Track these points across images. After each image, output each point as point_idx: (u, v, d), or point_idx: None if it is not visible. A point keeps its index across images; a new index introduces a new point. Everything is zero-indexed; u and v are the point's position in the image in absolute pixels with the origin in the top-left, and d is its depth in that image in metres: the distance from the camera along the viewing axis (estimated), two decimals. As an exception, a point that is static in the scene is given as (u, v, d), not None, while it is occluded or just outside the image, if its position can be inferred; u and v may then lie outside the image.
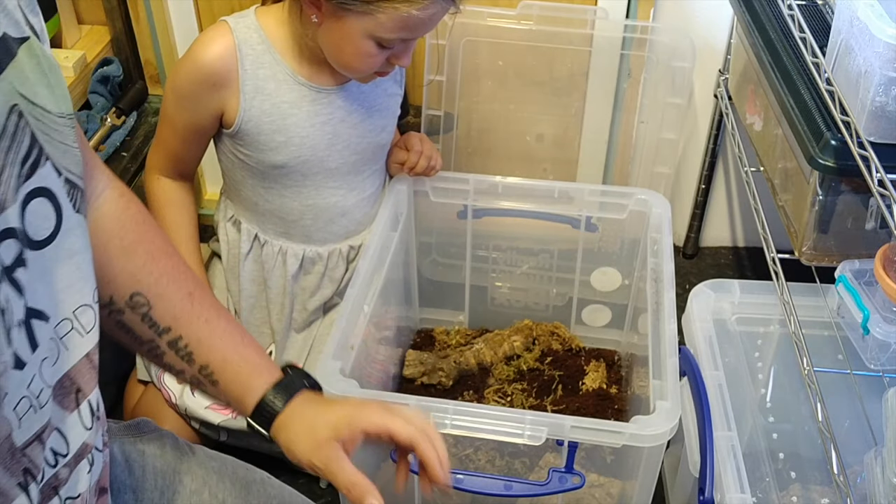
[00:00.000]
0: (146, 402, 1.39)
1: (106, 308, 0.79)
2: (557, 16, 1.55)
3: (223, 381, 0.84)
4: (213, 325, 0.84)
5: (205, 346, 0.83)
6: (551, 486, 1.04)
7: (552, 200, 1.45)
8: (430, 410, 1.04)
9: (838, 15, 1.06)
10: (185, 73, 1.22)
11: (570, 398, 1.45)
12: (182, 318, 0.82)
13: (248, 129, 1.23)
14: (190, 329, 0.83)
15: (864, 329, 1.08)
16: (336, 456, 0.83)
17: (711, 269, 1.88)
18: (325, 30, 1.15)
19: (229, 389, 0.85)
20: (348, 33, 1.13)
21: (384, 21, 1.10)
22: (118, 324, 0.80)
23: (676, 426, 1.03)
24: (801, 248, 1.21)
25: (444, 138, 1.67)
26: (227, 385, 0.85)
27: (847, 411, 1.23)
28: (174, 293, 0.82)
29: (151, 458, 0.86)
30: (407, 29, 1.12)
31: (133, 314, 0.80)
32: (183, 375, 0.84)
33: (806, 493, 1.32)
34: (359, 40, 1.13)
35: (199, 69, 1.21)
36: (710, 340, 1.27)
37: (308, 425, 0.84)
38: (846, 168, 1.06)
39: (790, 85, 1.20)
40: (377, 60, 1.16)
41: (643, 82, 1.63)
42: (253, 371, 0.85)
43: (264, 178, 1.29)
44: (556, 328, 1.59)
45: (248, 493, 0.88)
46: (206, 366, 0.83)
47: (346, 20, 1.11)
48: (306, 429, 0.84)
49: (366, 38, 1.12)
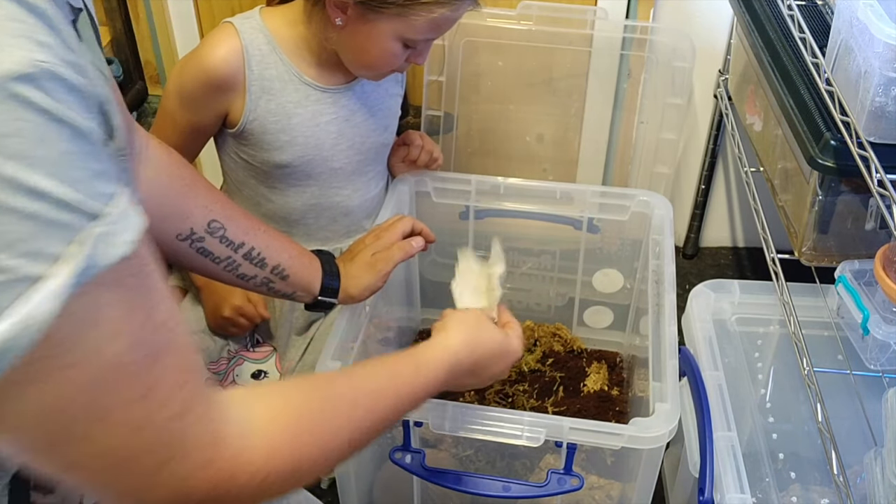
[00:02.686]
0: None
1: (188, 239, 0.93)
2: (557, 16, 1.55)
3: (293, 274, 1.05)
4: (270, 233, 1.03)
5: (273, 249, 1.01)
6: (550, 487, 1.04)
7: (554, 201, 1.45)
8: (429, 411, 1.04)
9: (838, 15, 1.06)
10: (190, 76, 1.22)
11: (571, 400, 1.45)
12: (249, 231, 0.99)
13: (252, 128, 1.23)
14: (258, 239, 1.00)
15: (864, 329, 1.08)
16: (384, 255, 1.16)
17: (711, 269, 1.88)
18: (348, 32, 1.15)
19: (297, 280, 1.06)
20: (376, 35, 1.13)
21: (416, 23, 1.11)
22: (200, 251, 0.94)
23: (675, 428, 1.03)
24: (800, 249, 1.21)
25: (444, 138, 1.67)
26: (295, 276, 1.05)
27: (847, 411, 1.23)
28: (236, 214, 0.98)
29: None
30: (436, 29, 1.14)
31: (212, 238, 0.95)
32: (254, 280, 1.02)
33: (806, 493, 1.32)
34: (387, 42, 1.13)
35: (206, 73, 1.20)
36: (710, 341, 1.27)
37: (356, 269, 1.14)
38: (846, 168, 1.06)
39: (790, 85, 1.19)
40: (399, 60, 1.18)
41: (643, 82, 1.63)
42: (310, 260, 1.09)
43: (268, 178, 1.29)
44: (558, 329, 1.58)
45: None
46: (277, 266, 1.02)
47: (376, 22, 1.12)
48: (358, 271, 1.14)
49: (394, 39, 1.13)
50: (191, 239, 0.93)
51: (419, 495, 1.18)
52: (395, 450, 1.08)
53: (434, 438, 1.14)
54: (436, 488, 1.16)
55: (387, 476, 1.22)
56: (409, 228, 1.22)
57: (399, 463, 1.07)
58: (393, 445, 1.09)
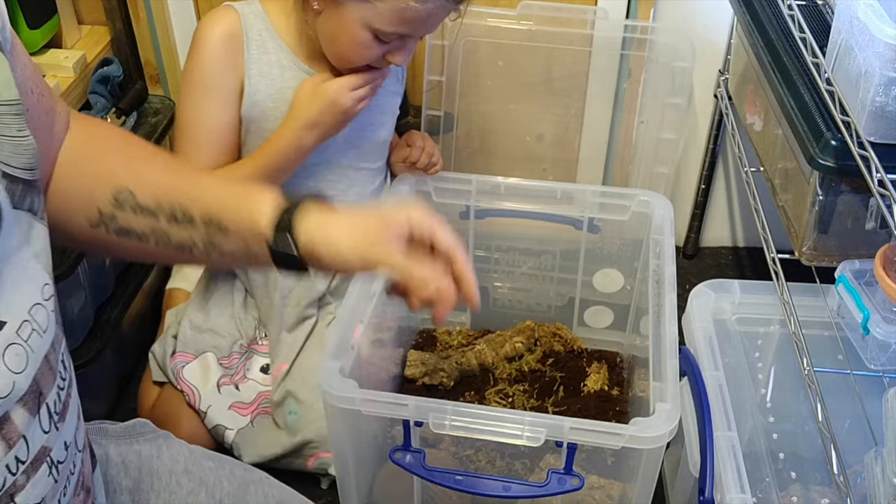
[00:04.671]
0: (163, 403, 1.40)
1: (101, 226, 0.76)
2: (557, 16, 1.55)
3: (230, 223, 0.77)
4: (198, 181, 0.80)
5: (199, 201, 0.77)
6: (550, 487, 1.04)
7: (554, 201, 1.45)
8: (430, 411, 1.04)
9: (838, 15, 1.06)
10: (198, 57, 1.22)
11: (571, 399, 1.45)
12: (168, 186, 0.77)
13: (253, 115, 1.24)
14: (179, 191, 0.77)
15: (864, 329, 1.08)
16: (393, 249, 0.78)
17: (711, 269, 1.88)
18: (324, 18, 1.17)
19: (240, 229, 0.77)
20: (346, 22, 1.13)
21: (382, 11, 1.10)
22: (119, 232, 0.76)
23: (676, 428, 1.03)
24: (801, 248, 1.21)
25: (444, 138, 1.67)
26: (236, 225, 0.77)
27: (847, 411, 1.23)
28: (150, 171, 0.78)
29: (148, 460, 0.85)
30: (405, 23, 1.13)
31: (124, 213, 0.76)
32: (197, 249, 0.78)
33: (806, 493, 1.32)
34: (355, 30, 1.13)
35: (211, 43, 1.21)
36: (710, 340, 1.27)
37: (348, 222, 0.78)
38: (846, 168, 1.06)
39: (790, 85, 1.19)
40: (372, 53, 1.17)
41: (643, 82, 1.63)
42: (256, 200, 0.78)
43: None
44: (558, 329, 1.58)
45: (246, 494, 0.88)
46: (206, 217, 0.77)
47: (346, 7, 1.12)
48: (347, 225, 0.78)
49: (363, 27, 1.13)
50: (103, 224, 0.76)
51: (419, 495, 1.18)
52: (395, 450, 1.08)
53: (434, 438, 1.14)
54: (436, 488, 1.16)
55: (387, 476, 1.22)
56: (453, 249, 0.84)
57: (399, 463, 1.07)
58: (393, 445, 1.09)
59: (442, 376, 1.46)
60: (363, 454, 1.18)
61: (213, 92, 1.23)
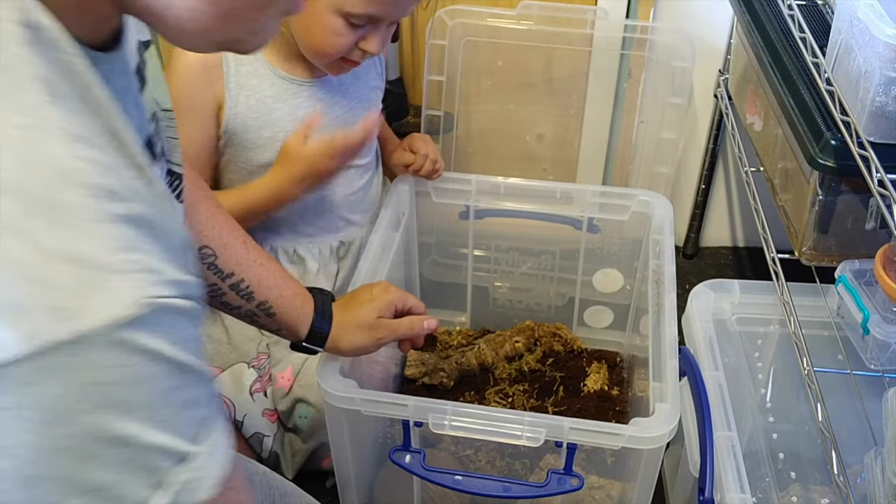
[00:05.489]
0: None
1: None
2: (557, 16, 1.55)
3: (280, 314, 1.00)
4: (266, 267, 0.99)
5: (263, 285, 0.97)
6: (549, 487, 1.04)
7: (554, 201, 1.45)
8: (429, 411, 1.04)
9: (838, 15, 1.06)
10: (174, 78, 1.21)
11: (571, 400, 1.45)
12: (242, 263, 0.96)
13: (235, 126, 1.23)
14: (250, 272, 0.96)
15: (864, 329, 1.08)
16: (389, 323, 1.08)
17: (711, 269, 1.88)
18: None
19: (284, 320, 1.01)
20: (317, 10, 1.12)
21: None
22: None
23: (675, 428, 1.03)
24: (801, 248, 1.21)
25: (444, 138, 1.67)
26: (282, 316, 1.00)
27: (847, 411, 1.23)
28: (233, 243, 0.95)
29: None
30: (375, 4, 1.11)
31: (201, 263, 0.92)
32: (238, 311, 0.98)
33: (806, 493, 1.32)
34: (327, 16, 1.12)
35: (188, 66, 1.20)
36: (710, 340, 1.27)
37: (355, 324, 1.06)
38: (846, 168, 1.06)
39: (790, 85, 1.19)
40: (345, 41, 1.15)
41: (643, 82, 1.63)
42: (302, 302, 1.02)
43: (251, 177, 1.29)
44: (558, 329, 1.58)
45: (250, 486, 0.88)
46: (264, 302, 0.98)
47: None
48: (355, 327, 1.06)
49: (334, 13, 1.11)
50: None
51: (419, 495, 1.18)
52: (395, 450, 1.08)
53: (434, 438, 1.14)
54: (436, 488, 1.16)
55: (387, 476, 1.22)
56: (423, 309, 1.16)
57: (399, 463, 1.07)
58: (393, 445, 1.09)
59: (442, 376, 1.46)
60: (363, 454, 1.18)
61: (189, 113, 1.22)
